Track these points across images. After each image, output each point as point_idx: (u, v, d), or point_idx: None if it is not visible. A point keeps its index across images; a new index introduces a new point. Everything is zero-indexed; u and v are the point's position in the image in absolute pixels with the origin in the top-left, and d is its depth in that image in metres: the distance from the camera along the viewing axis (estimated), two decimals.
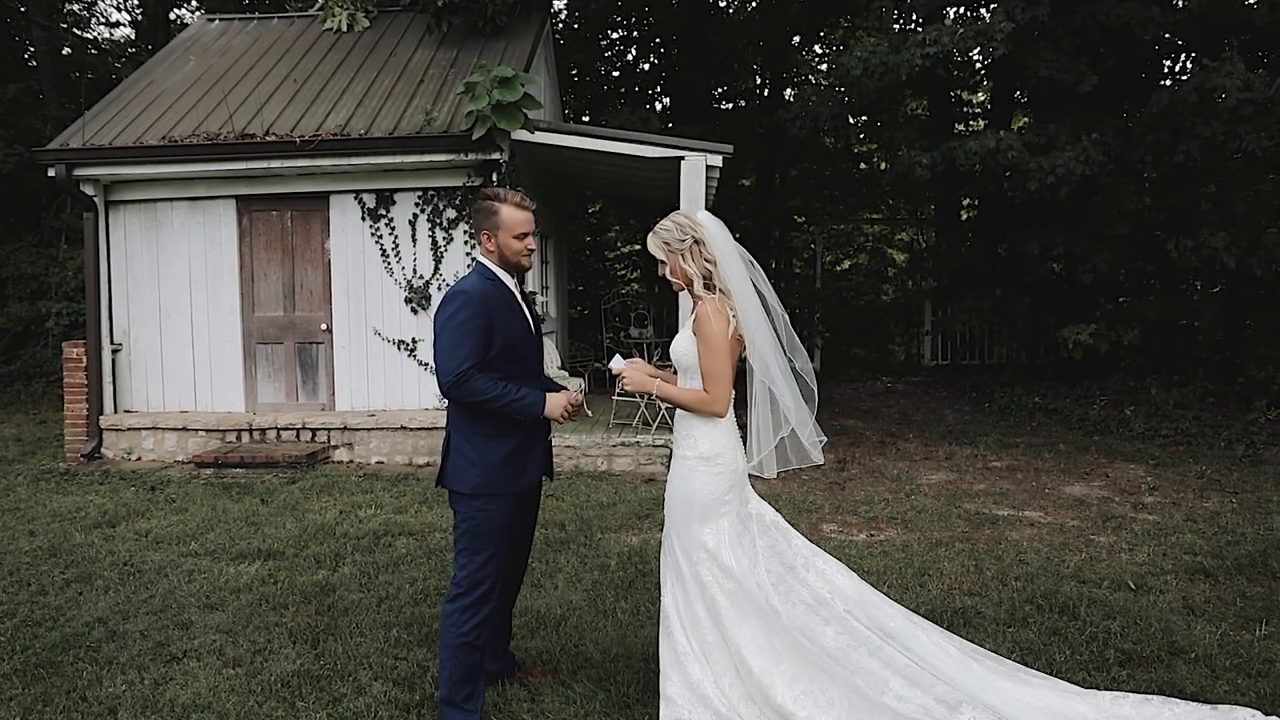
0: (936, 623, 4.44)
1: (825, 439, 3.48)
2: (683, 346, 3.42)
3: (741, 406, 3.36)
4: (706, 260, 3.37)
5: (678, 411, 3.47)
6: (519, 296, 3.63)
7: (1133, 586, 5.08)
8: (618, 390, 10.39)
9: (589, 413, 3.72)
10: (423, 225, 9.21)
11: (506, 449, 3.49)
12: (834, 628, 3.31)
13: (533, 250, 3.60)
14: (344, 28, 11.44)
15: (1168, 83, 11.68)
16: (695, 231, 3.38)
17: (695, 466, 3.35)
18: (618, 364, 3.48)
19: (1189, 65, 11.52)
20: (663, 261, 3.46)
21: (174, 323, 9.50)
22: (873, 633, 3.36)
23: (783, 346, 3.39)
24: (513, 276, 3.61)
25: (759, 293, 3.38)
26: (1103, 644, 4.23)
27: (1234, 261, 9.95)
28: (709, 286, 3.39)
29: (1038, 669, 3.94)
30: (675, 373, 3.52)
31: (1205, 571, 5.35)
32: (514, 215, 3.52)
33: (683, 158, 8.85)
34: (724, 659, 3.24)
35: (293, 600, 4.95)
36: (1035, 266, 11.66)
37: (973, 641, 4.23)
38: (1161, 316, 11.75)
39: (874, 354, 17.71)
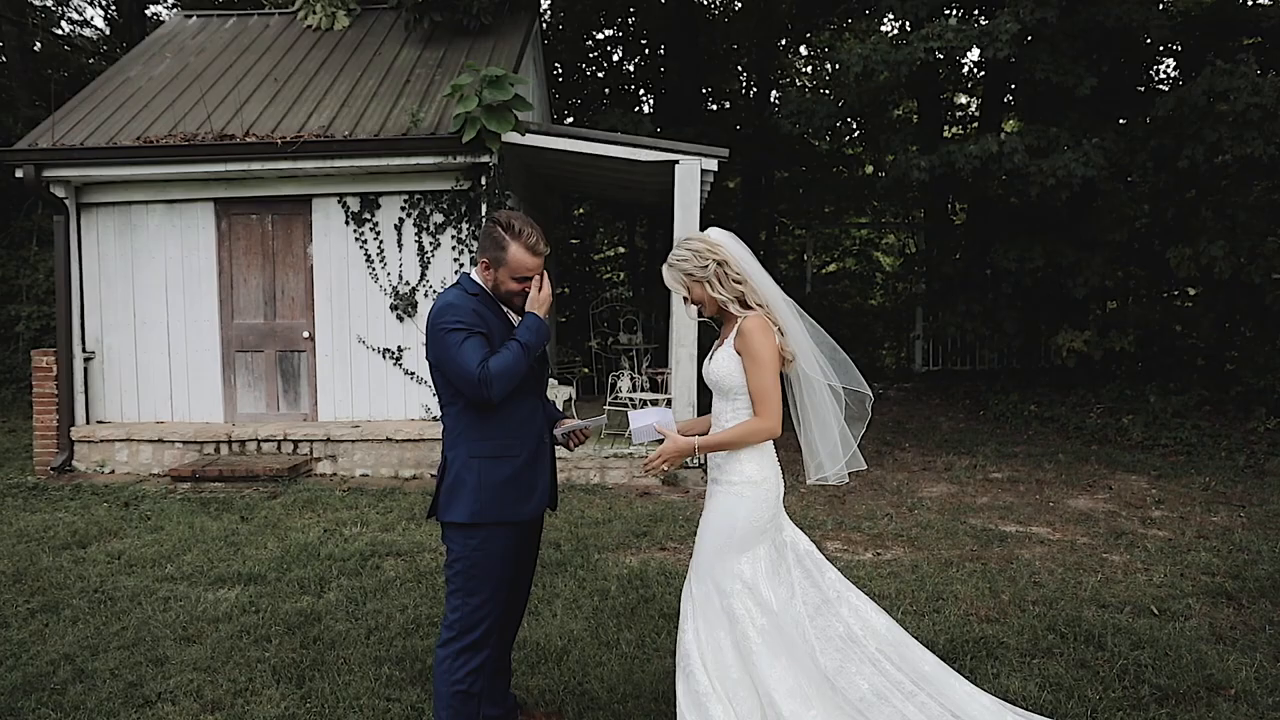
0: (959, 653, 4.27)
1: (864, 466, 3.32)
2: (725, 366, 3.16)
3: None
4: (736, 281, 3.13)
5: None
6: (508, 315, 3.35)
7: (1156, 612, 4.89)
8: (609, 398, 10.18)
9: (587, 435, 3.43)
10: (409, 230, 8.92)
11: (508, 472, 3.21)
12: (869, 669, 3.10)
13: (527, 294, 3.29)
14: (322, 25, 11.12)
15: (1165, 88, 11.57)
16: (715, 253, 3.13)
17: (742, 492, 3.11)
18: (643, 436, 3.18)
19: (1192, 72, 11.38)
20: (685, 296, 3.20)
21: (149, 330, 9.15)
22: (906, 676, 3.15)
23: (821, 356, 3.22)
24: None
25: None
26: (1135, 678, 4.02)
27: (1229, 271, 9.83)
28: (745, 305, 3.16)
29: (1070, 707, 3.75)
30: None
31: (1227, 594, 5.17)
32: (521, 259, 3.20)
33: (677, 161, 8.62)
34: (750, 701, 3.00)
35: (275, 631, 4.65)
36: (1028, 272, 11.50)
37: (998, 675, 4.04)
38: (1157, 323, 11.64)
39: (862, 359, 17.54)
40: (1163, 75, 12.62)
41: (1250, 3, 9.88)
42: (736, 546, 3.11)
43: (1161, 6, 10.19)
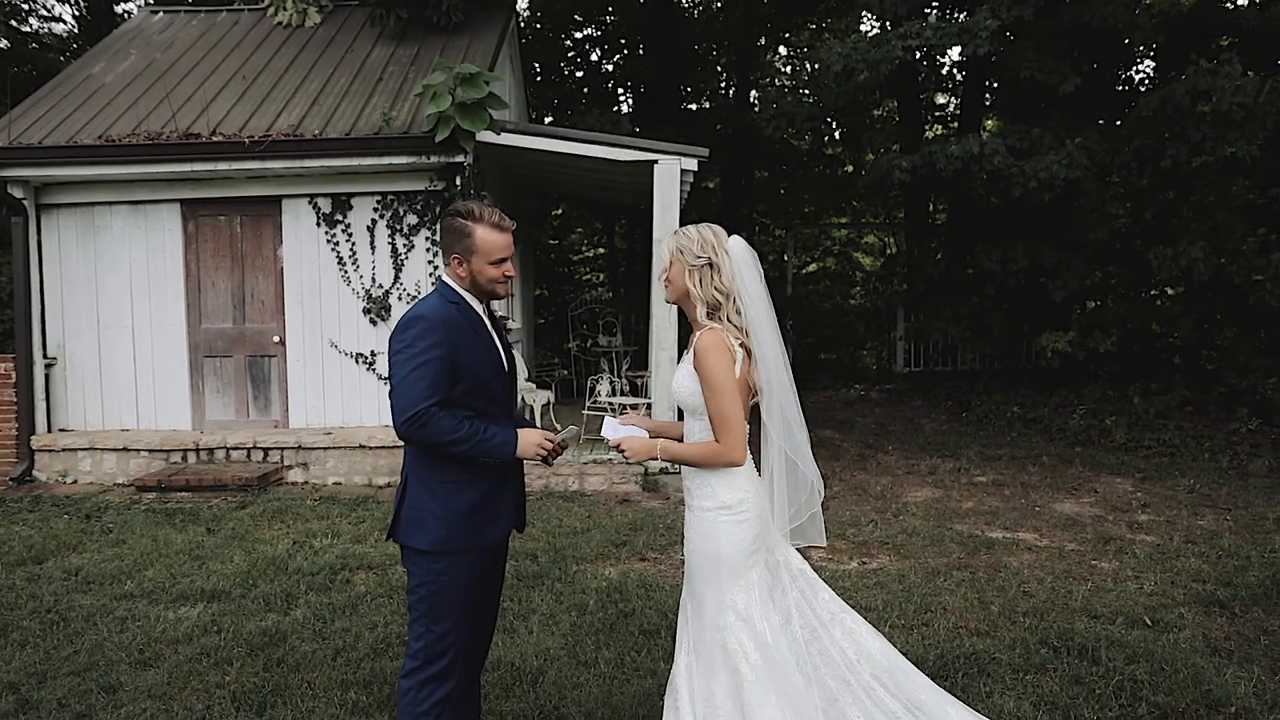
0: (949, 670, 4.12)
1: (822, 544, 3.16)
2: (685, 385, 2.98)
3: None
4: (717, 290, 2.95)
5: None
6: (488, 323, 3.16)
7: (1149, 623, 4.77)
8: (588, 402, 10.00)
9: (565, 447, 3.21)
10: (381, 232, 8.70)
11: (474, 498, 3.01)
12: (865, 700, 2.94)
13: (511, 276, 3.11)
14: (294, 22, 10.87)
15: (1142, 89, 11.51)
16: (714, 255, 2.94)
17: (717, 518, 2.93)
18: (612, 433, 3.04)
19: (1170, 72, 11.35)
20: (665, 268, 3.04)
21: (114, 335, 8.88)
22: (900, 704, 2.98)
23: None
24: (481, 302, 3.15)
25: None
26: (1132, 695, 3.89)
27: (1209, 273, 9.78)
28: (713, 316, 2.98)
29: None
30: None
31: (1219, 603, 5.06)
32: (491, 239, 3.01)
33: (656, 161, 8.45)
34: None
35: (237, 654, 4.44)
36: (1011, 274, 11.42)
37: (991, 693, 3.89)
38: (1138, 323, 11.59)
39: (844, 360, 17.46)
40: (1141, 75, 12.59)
41: (1229, 4, 9.83)
42: (728, 574, 2.93)
43: (1138, 10, 10.11)
